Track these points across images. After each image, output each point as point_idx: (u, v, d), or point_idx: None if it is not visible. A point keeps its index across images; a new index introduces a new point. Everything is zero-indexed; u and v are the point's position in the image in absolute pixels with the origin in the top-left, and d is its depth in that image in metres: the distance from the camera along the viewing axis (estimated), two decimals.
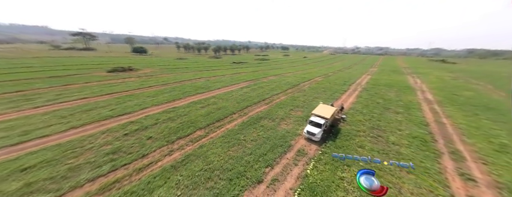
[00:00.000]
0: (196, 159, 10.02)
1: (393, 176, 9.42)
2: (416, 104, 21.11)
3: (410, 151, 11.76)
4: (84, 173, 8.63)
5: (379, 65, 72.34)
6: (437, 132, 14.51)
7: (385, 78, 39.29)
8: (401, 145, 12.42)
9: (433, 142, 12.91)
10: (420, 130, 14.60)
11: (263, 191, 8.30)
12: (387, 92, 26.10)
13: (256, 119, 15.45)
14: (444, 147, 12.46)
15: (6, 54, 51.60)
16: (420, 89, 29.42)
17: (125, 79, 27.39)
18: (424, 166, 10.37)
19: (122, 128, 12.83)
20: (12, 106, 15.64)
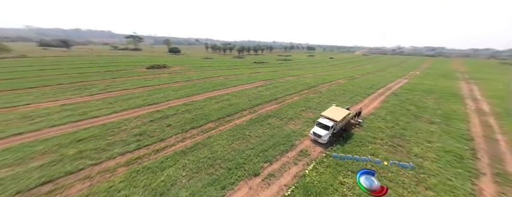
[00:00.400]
0: (203, 147, 11.10)
1: (405, 190, 8.50)
2: (461, 114, 17.97)
3: (436, 165, 10.40)
4: (117, 148, 10.62)
5: (425, 68, 62.68)
6: (484, 149, 12.27)
7: (427, 83, 34.14)
8: (426, 158, 11.05)
9: (472, 160, 11.04)
10: (458, 144, 12.60)
11: (258, 184, 8.73)
12: (423, 99, 22.84)
13: (265, 117, 15.83)
14: (488, 167, 10.55)
15: (82, 53, 64.74)
16: (472, 97, 24.60)
17: (158, 75, 31.28)
18: (452, 184, 9.07)
19: (149, 115, 15.01)
20: (76, 93, 19.93)
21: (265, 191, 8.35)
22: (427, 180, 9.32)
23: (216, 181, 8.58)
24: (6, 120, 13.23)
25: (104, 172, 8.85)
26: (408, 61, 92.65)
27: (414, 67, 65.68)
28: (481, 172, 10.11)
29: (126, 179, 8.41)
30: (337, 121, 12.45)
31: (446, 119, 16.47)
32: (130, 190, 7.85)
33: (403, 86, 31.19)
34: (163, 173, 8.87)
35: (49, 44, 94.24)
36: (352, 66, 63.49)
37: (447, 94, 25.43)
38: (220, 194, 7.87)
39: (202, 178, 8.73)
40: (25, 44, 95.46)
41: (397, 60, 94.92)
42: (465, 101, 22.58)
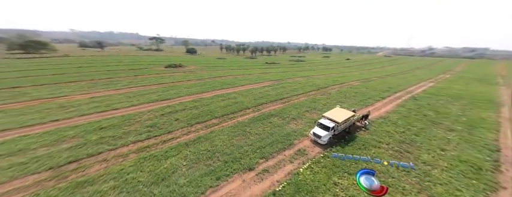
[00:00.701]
0: (204, 141, 11.79)
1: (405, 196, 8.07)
2: (491, 123, 16.01)
3: (446, 174, 9.63)
4: (131, 136, 11.87)
5: (458, 72, 56.26)
6: (511, 161, 10.90)
7: (456, 87, 30.85)
8: (436, 166, 10.26)
9: (493, 172, 9.96)
10: (478, 154, 11.42)
11: (251, 177, 9.06)
12: (448, 104, 20.77)
13: (267, 116, 16.05)
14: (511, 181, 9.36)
15: (112, 53, 72.08)
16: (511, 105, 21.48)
17: (174, 73, 33.39)
18: (460, 195, 8.38)
19: (161, 109, 16.30)
20: (104, 87, 22.43)
21: (258, 185, 8.64)
22: (431, 189, 8.69)
23: (212, 172, 9.13)
24: (47, 108, 15.61)
25: (118, 157, 10.02)
26: (438, 63, 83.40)
27: (445, 70, 59.25)
28: (501, 185, 9.07)
29: (135, 164, 9.42)
30: (338, 122, 12.17)
31: (470, 128, 14.84)
32: (137, 173, 8.80)
33: (426, 90, 28.56)
34: (167, 162, 9.71)
35: (87, 45, 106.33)
36: (371, 68, 59.75)
37: (479, 100, 22.62)
38: (214, 184, 8.38)
39: (200, 168, 9.36)
40: (69, 45, 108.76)
41: (424, 63, 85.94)
42: (500, 109, 19.84)
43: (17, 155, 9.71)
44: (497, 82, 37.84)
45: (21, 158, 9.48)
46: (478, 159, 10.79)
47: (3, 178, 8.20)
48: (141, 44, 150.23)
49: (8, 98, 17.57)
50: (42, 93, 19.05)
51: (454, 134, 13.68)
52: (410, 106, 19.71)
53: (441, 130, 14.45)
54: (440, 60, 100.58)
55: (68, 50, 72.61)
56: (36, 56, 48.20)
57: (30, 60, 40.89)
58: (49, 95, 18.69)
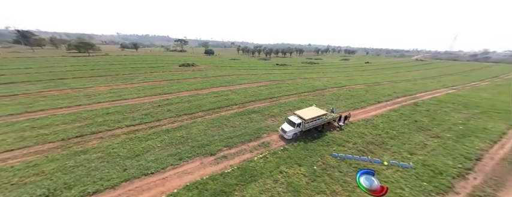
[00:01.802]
0: (184, 129, 13.17)
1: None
2: (491, 133, 13.97)
3: (398, 175, 9.37)
4: (127, 121, 13.95)
5: (504, 79, 47.00)
6: (486, 171, 9.97)
7: (480, 96, 26.73)
8: (391, 167, 9.84)
9: (454, 178, 9.29)
10: (450, 161, 10.57)
11: (209, 161, 10.05)
12: (452, 112, 18.54)
13: (249, 112, 16.73)
14: (471, 188, 8.77)
15: (143, 53, 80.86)
16: None
17: (184, 71, 36.26)
18: (399, 193, 8.22)
19: (160, 101, 18.36)
20: (123, 81, 25.90)
21: (212, 167, 9.56)
22: None
23: (178, 153, 10.35)
24: (76, 96, 19.06)
25: (111, 136, 12.02)
26: (484, 70, 68.98)
27: (485, 77, 49.21)
28: (454, 190, 8.55)
29: (121, 142, 11.25)
30: (305, 119, 12.43)
31: (462, 136, 13.28)
32: (120, 149, 10.56)
33: (438, 96, 25.32)
34: (146, 143, 11.31)
35: (126, 46, 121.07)
36: (389, 73, 54.06)
37: (496, 110, 19.33)
38: (175, 163, 9.58)
39: (169, 150, 10.69)
40: (112, 46, 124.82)
41: (464, 68, 72.06)
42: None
43: (44, 128, 12.46)
44: None
45: (46, 130, 12.16)
46: (446, 165, 10.02)
47: (30, 143, 10.79)
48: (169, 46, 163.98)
49: (52, 86, 21.86)
50: (77, 84, 23.10)
51: (435, 141, 12.58)
52: (404, 111, 18.05)
53: (424, 136, 13.33)
54: (488, 66, 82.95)
55: (110, 50, 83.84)
56: (85, 54, 57.52)
57: (79, 58, 48.92)
58: (81, 86, 22.59)
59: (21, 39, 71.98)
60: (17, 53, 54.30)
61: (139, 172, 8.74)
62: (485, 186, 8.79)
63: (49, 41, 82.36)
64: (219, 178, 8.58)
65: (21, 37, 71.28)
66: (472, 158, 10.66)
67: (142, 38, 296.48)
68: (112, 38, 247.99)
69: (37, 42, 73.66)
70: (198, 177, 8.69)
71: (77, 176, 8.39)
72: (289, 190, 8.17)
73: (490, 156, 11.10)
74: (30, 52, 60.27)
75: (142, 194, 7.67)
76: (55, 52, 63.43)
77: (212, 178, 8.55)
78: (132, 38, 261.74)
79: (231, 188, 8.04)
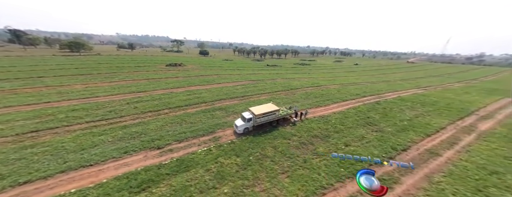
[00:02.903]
0: (142, 125, 13.38)
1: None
2: (430, 128, 14.60)
3: (323, 163, 10.07)
4: (88, 118, 14.09)
5: (481, 81, 47.53)
6: (405, 160, 10.65)
7: (444, 96, 27.17)
8: (324, 156, 10.63)
9: (373, 165, 9.81)
10: (378, 151, 11.24)
11: (154, 154, 10.31)
12: (406, 110, 19.18)
13: (214, 109, 17.01)
14: (380, 173, 9.39)
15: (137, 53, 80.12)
16: (489, 117, 18.22)
17: (169, 71, 36.28)
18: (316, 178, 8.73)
19: (130, 99, 18.49)
20: (101, 80, 25.74)
21: (154, 159, 9.87)
22: (295, 171, 9.05)
23: (125, 147, 10.58)
24: (48, 93, 18.93)
25: (67, 131, 12.17)
26: (469, 72, 69.41)
27: (465, 79, 50.00)
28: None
29: (74, 137, 11.44)
30: (256, 114, 12.84)
31: (401, 130, 13.99)
32: (69, 144, 10.75)
33: (402, 96, 25.90)
34: (98, 138, 11.49)
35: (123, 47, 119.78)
36: (374, 74, 54.37)
37: (448, 108, 19.99)
38: (117, 156, 9.83)
39: (118, 144, 10.91)
40: (109, 46, 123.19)
41: (450, 71, 71.89)
42: (465, 118, 17.28)
43: (2, 123, 12.52)
44: (509, 95, 31.59)
45: (3, 125, 12.20)
46: (370, 154, 10.70)
47: None
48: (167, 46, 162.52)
49: (28, 84, 21.66)
50: (54, 83, 22.97)
51: (375, 134, 13.19)
52: (362, 109, 18.61)
53: (367, 130, 13.94)
54: (475, 69, 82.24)
55: (106, 50, 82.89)
56: (76, 54, 56.95)
57: (69, 57, 48.34)
58: (58, 84, 22.49)
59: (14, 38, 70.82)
60: (8, 52, 53.32)
61: (78, 164, 8.93)
62: (395, 172, 9.47)
63: (43, 40, 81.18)
64: (153, 169, 8.86)
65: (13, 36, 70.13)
66: (398, 149, 11.32)
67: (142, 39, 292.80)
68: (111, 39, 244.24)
69: (30, 42, 72.54)
70: (134, 168, 8.96)
71: (15, 168, 8.54)
72: (216, 177, 8.53)
73: (417, 147, 11.75)
74: (22, 51, 59.42)
75: (72, 184, 7.89)
76: (47, 51, 62.50)
77: (146, 169, 8.81)
78: (131, 39, 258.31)
79: (160, 178, 8.33)
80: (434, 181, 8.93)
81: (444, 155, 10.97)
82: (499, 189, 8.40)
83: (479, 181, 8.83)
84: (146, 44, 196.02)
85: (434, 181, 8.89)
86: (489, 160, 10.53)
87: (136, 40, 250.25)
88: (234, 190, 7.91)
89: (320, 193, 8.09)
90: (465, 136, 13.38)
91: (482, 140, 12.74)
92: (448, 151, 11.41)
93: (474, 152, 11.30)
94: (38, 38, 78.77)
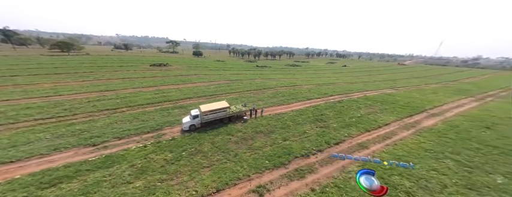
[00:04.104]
0: (90, 123, 13.21)
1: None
2: (374, 125, 14.71)
3: (252, 156, 10.11)
4: (39, 115, 13.72)
5: (458, 82, 47.57)
6: (331, 152, 10.77)
7: (410, 95, 27.26)
8: (257, 149, 10.68)
9: (299, 157, 10.20)
10: (310, 145, 11.35)
11: (87, 151, 10.21)
12: (363, 108, 19.32)
13: (174, 108, 16.89)
14: (303, 164, 9.52)
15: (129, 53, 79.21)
16: (439, 114, 18.41)
17: (150, 71, 35.87)
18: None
19: (93, 98, 18.17)
20: (74, 79, 25.15)
21: (83, 156, 9.67)
22: (223, 164, 9.09)
23: (59, 144, 10.36)
24: (11, 92, 18.42)
25: (10, 129, 11.83)
26: (453, 74, 68.35)
27: (443, 80, 50.07)
28: (286, 166, 9.52)
29: (11, 134, 11.12)
30: (203, 111, 12.76)
31: (345, 126, 14.18)
32: (4, 141, 10.41)
33: (368, 95, 25.92)
34: (38, 135, 11.23)
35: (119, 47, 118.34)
36: (358, 75, 54.04)
37: (406, 107, 19.96)
38: (46, 152, 9.60)
39: (53, 141, 10.68)
40: (106, 47, 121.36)
41: (436, 72, 70.91)
42: (415, 116, 17.44)
43: None
44: (476, 94, 31.86)
45: None
46: (302, 148, 10.86)
47: None
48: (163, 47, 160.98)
49: None
50: (25, 81, 22.41)
51: (318, 130, 13.32)
52: (321, 107, 18.72)
53: (313, 126, 14.06)
54: (460, 71, 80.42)
55: (100, 50, 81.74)
56: (65, 54, 56.08)
57: (55, 57, 47.37)
58: (28, 82, 22.00)
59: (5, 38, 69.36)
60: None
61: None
62: (316, 163, 9.69)
63: (36, 40, 79.76)
64: (75, 165, 8.68)
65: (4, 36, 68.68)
66: (330, 143, 11.47)
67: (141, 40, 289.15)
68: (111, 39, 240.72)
69: (21, 42, 71.19)
70: (55, 165, 8.79)
71: None
72: (136, 172, 8.40)
73: (350, 141, 11.96)
74: (12, 51, 58.20)
75: None
76: (37, 51, 61.28)
77: (67, 166, 8.62)
78: (131, 40, 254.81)
79: (77, 174, 8.16)
80: (347, 170, 9.05)
81: (371, 148, 11.12)
82: (401, 177, 8.57)
83: (387, 170, 9.00)
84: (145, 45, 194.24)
85: (346, 171, 9.01)
86: (409, 151, 10.75)
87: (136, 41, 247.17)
88: (147, 184, 7.80)
89: (232, 183, 8.06)
90: (403, 132, 13.57)
91: (415, 135, 12.94)
92: (378, 145, 11.58)
93: (400, 145, 11.47)
94: (30, 38, 77.47)
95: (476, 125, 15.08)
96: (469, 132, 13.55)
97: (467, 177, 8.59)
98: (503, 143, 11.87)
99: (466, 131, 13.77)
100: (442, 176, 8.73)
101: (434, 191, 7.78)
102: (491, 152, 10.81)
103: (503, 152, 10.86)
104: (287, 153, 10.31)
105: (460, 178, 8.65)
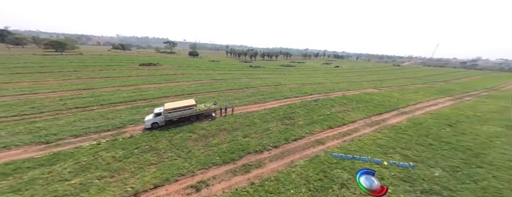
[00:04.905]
0: (52, 121, 12.97)
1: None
2: (338, 121, 14.68)
3: (203, 153, 9.99)
4: (4, 113, 13.42)
5: (444, 83, 47.60)
6: (286, 149, 10.52)
7: (389, 95, 27.10)
8: (213, 146, 10.59)
9: (252, 153, 10.11)
10: (267, 141, 11.29)
11: (38, 149, 9.95)
12: (336, 106, 19.18)
13: (146, 106, 16.66)
14: (253, 160, 9.22)
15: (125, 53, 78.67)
16: (408, 112, 18.40)
17: (138, 70, 35.55)
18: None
19: (67, 96, 17.88)
20: (55, 77, 24.63)
21: (31, 153, 9.41)
22: (176, 159, 9.02)
23: (10, 142, 10.08)
24: None
25: None
26: (444, 75, 67.30)
27: (432, 81, 49.67)
28: (235, 161, 9.46)
29: None
30: (165, 109, 12.58)
31: (310, 123, 14.13)
32: None
33: (346, 95, 25.52)
34: None
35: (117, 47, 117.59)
36: (348, 75, 53.81)
37: (379, 106, 19.78)
38: None
39: (6, 138, 10.39)
40: (104, 47, 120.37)
41: (427, 73, 69.93)
42: (384, 114, 17.31)
43: None
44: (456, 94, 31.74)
45: None
46: (257, 144, 10.77)
47: None
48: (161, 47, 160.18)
49: None
50: (4, 79, 21.79)
51: (282, 127, 13.23)
52: (295, 105, 18.62)
53: (279, 123, 13.92)
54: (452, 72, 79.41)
55: (97, 50, 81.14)
56: (57, 53, 55.60)
57: (46, 56, 46.70)
58: (7, 81, 21.56)
59: None
60: None
61: None
62: (267, 158, 9.62)
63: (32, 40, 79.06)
64: (17, 163, 8.41)
65: None
66: (289, 139, 11.37)
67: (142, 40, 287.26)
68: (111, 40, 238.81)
69: (17, 41, 70.52)
70: None
71: None
72: (78, 170, 8.18)
73: (310, 137, 11.88)
74: (5, 50, 57.60)
75: None
76: (31, 51, 60.77)
77: (7, 163, 8.31)
78: (131, 40, 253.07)
79: (16, 171, 7.90)
80: (293, 165, 8.97)
81: (326, 144, 11.05)
82: (343, 170, 8.54)
83: (332, 164, 8.93)
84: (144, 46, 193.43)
85: (293, 165, 8.92)
86: (361, 147, 10.69)
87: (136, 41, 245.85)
88: (84, 181, 7.58)
89: (174, 179, 7.89)
90: (365, 129, 13.48)
91: (375, 132, 12.87)
92: (335, 141, 11.51)
93: (356, 141, 11.40)
94: (25, 38, 76.84)
95: (439, 122, 15.02)
96: (429, 129, 13.47)
97: (406, 170, 8.47)
98: (457, 140, 11.81)
99: (426, 128, 13.69)
100: (384, 170, 8.62)
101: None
102: (442, 148, 10.74)
103: (454, 147, 10.79)
104: (241, 149, 10.18)
105: (399, 171, 8.56)
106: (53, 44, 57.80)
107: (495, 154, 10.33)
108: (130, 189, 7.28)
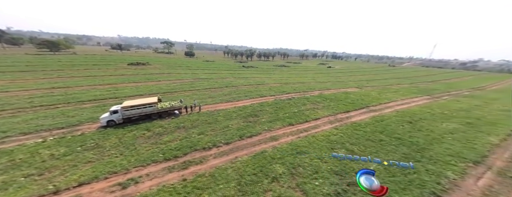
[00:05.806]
0: (8, 118, 12.60)
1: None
2: (303, 119, 14.48)
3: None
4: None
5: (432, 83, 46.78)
6: (239, 144, 10.28)
7: (368, 94, 26.63)
8: (154, 146, 10.17)
9: (207, 148, 10.00)
10: (223, 138, 11.06)
11: None
12: (307, 104, 18.89)
13: (113, 105, 16.07)
14: (212, 155, 8.78)
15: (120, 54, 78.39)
16: (376, 110, 18.30)
17: (124, 69, 35.19)
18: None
19: (38, 94, 17.49)
20: (36, 77, 24.33)
21: None
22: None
23: None
24: None
25: None
26: (437, 75, 65.95)
27: (419, 81, 48.96)
28: (180, 159, 9.21)
29: None
30: (122, 106, 12.28)
31: (274, 120, 14.02)
32: None
33: (324, 94, 25.01)
34: None
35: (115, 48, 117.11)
36: (338, 75, 52.95)
37: (350, 104, 19.57)
38: None
39: None
40: (103, 47, 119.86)
41: (420, 74, 68.41)
42: (352, 111, 17.01)
43: None
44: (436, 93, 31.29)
45: None
46: (211, 142, 10.54)
47: None
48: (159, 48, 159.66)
49: None
50: None
51: (244, 124, 13.03)
52: (266, 104, 18.43)
53: (241, 121, 13.66)
54: (446, 73, 78.10)
55: (95, 50, 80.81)
56: (50, 53, 55.18)
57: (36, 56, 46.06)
58: None
59: None
60: None
61: None
62: (212, 155, 9.41)
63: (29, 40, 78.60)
64: None
65: None
66: (244, 136, 11.14)
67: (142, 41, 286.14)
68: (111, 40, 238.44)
69: (13, 41, 70.09)
70: None
71: None
72: (9, 168, 7.87)
73: (265, 134, 11.70)
74: (1, 50, 57.22)
75: None
76: (25, 50, 60.38)
77: None
78: (132, 40, 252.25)
79: None
80: (236, 161, 8.71)
81: (279, 140, 10.85)
82: (281, 165, 8.32)
83: (274, 159, 8.68)
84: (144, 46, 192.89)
85: (235, 161, 8.66)
86: (311, 143, 10.58)
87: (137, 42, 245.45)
88: (8, 179, 7.27)
89: (103, 177, 7.59)
90: (326, 125, 13.26)
91: (333, 129, 12.68)
92: (290, 137, 11.30)
93: (310, 138, 11.24)
94: (22, 38, 76.40)
95: (401, 120, 14.75)
96: (388, 126, 13.21)
97: (343, 164, 8.22)
98: (409, 136, 11.56)
99: (385, 125, 13.43)
100: (323, 164, 8.42)
101: (301, 176, 7.42)
102: (390, 143, 10.49)
103: (402, 143, 10.55)
104: (190, 146, 9.90)
105: (336, 165, 8.32)
106: (46, 43, 57.33)
107: (440, 149, 10.08)
108: (52, 187, 6.97)
